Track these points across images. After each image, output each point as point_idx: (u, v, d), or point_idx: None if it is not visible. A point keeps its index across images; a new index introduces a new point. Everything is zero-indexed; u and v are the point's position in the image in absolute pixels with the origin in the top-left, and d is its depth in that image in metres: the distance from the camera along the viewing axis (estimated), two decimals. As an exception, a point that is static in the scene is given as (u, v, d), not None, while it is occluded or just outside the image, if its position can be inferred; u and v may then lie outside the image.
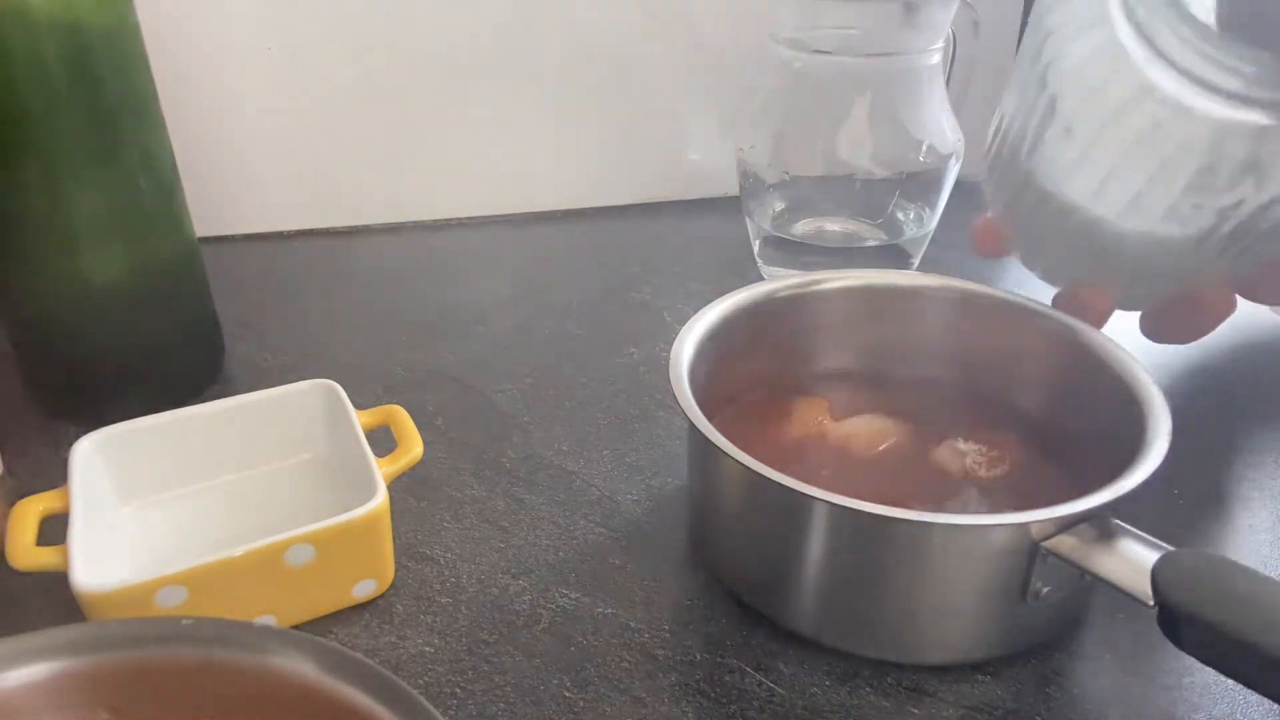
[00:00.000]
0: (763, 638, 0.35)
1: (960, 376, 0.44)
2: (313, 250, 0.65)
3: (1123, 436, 0.35)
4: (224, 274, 0.52)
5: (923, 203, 0.56)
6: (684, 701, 0.33)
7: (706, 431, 0.34)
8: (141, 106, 0.43)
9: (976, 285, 0.43)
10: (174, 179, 0.45)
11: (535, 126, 0.67)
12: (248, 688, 0.23)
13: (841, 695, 0.33)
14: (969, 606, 0.33)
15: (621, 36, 0.65)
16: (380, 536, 0.36)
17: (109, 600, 0.31)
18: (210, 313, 0.50)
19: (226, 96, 0.62)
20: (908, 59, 0.53)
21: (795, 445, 0.40)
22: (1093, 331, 0.40)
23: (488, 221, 0.69)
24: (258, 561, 0.33)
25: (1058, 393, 0.41)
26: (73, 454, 0.37)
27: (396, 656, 0.34)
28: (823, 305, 0.44)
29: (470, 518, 0.41)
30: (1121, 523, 0.31)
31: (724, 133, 0.68)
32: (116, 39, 0.41)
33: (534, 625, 0.36)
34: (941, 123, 0.55)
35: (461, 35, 0.63)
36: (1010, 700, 0.33)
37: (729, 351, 0.41)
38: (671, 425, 0.47)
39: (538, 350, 0.53)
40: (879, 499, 0.31)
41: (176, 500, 0.40)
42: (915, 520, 0.30)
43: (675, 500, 0.42)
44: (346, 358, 0.52)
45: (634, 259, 0.63)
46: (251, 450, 0.41)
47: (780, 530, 0.33)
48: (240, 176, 0.64)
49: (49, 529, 0.34)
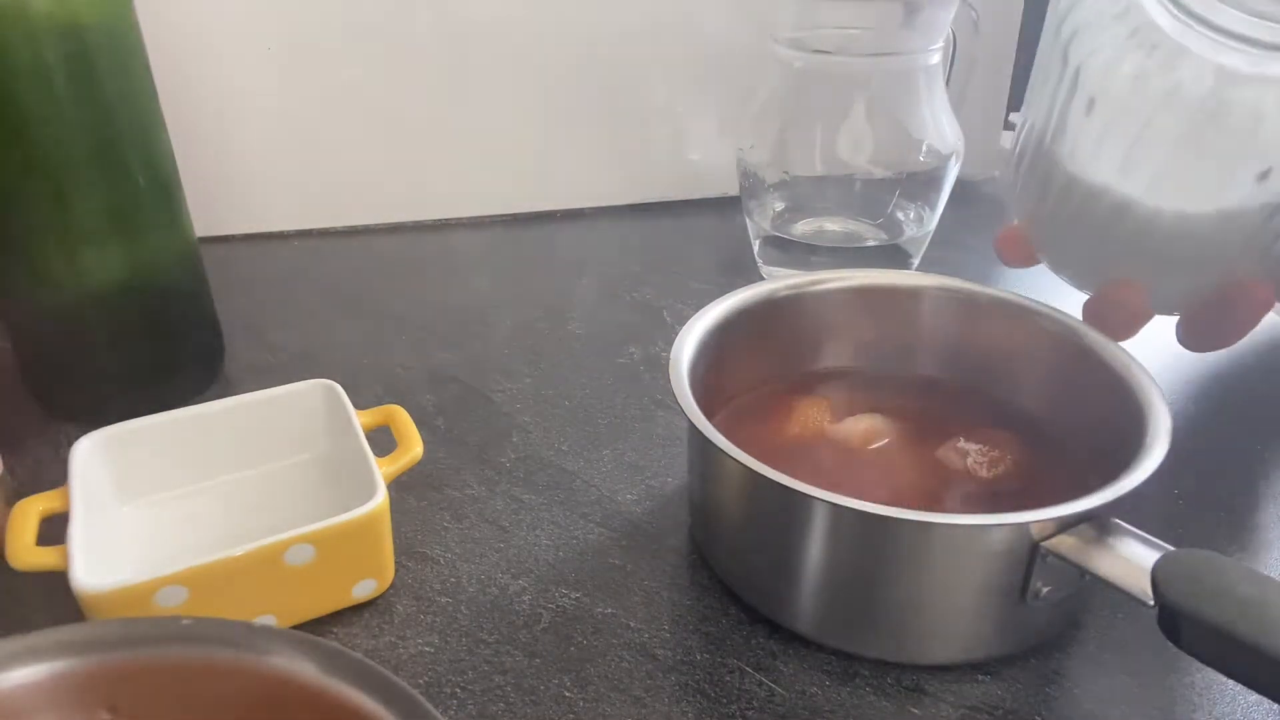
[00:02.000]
0: (763, 638, 0.35)
1: (960, 376, 0.44)
2: (313, 250, 0.65)
3: (1123, 437, 0.35)
4: (224, 274, 0.52)
5: (923, 203, 0.56)
6: (684, 701, 0.33)
7: (706, 431, 0.34)
8: (141, 106, 0.43)
9: (976, 285, 0.43)
10: (174, 179, 0.45)
11: (535, 126, 0.67)
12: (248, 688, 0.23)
13: (841, 695, 0.33)
14: (969, 606, 0.33)
15: (622, 36, 0.65)
16: (380, 536, 0.36)
17: (109, 600, 0.31)
18: (210, 313, 0.50)
19: (226, 96, 0.62)
20: (908, 59, 0.52)
21: (795, 445, 0.40)
22: (1093, 331, 0.40)
23: (488, 221, 0.69)
24: (258, 561, 0.33)
25: (1058, 393, 0.41)
26: (73, 454, 0.37)
27: (396, 656, 0.34)
28: (823, 305, 0.44)
29: (470, 518, 0.41)
30: (1121, 523, 0.31)
31: (724, 133, 0.68)
32: (116, 39, 0.41)
33: (534, 625, 0.36)
34: (941, 123, 0.55)
35: (462, 35, 0.63)
36: (1010, 700, 0.33)
37: (729, 351, 0.41)
38: (671, 425, 0.47)
39: (538, 350, 0.53)
40: (879, 499, 0.31)
41: (176, 500, 0.40)
42: (915, 520, 0.30)
43: (675, 500, 0.42)
44: (346, 358, 0.52)
45: (634, 259, 0.63)
46: (251, 450, 0.41)
47: (780, 530, 0.33)
48: (240, 176, 0.64)
49: (49, 529, 0.34)
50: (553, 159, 0.69)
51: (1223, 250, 0.42)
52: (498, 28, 0.63)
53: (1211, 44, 0.38)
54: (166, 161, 0.45)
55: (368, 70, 0.63)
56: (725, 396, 0.42)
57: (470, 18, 0.63)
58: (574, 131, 0.68)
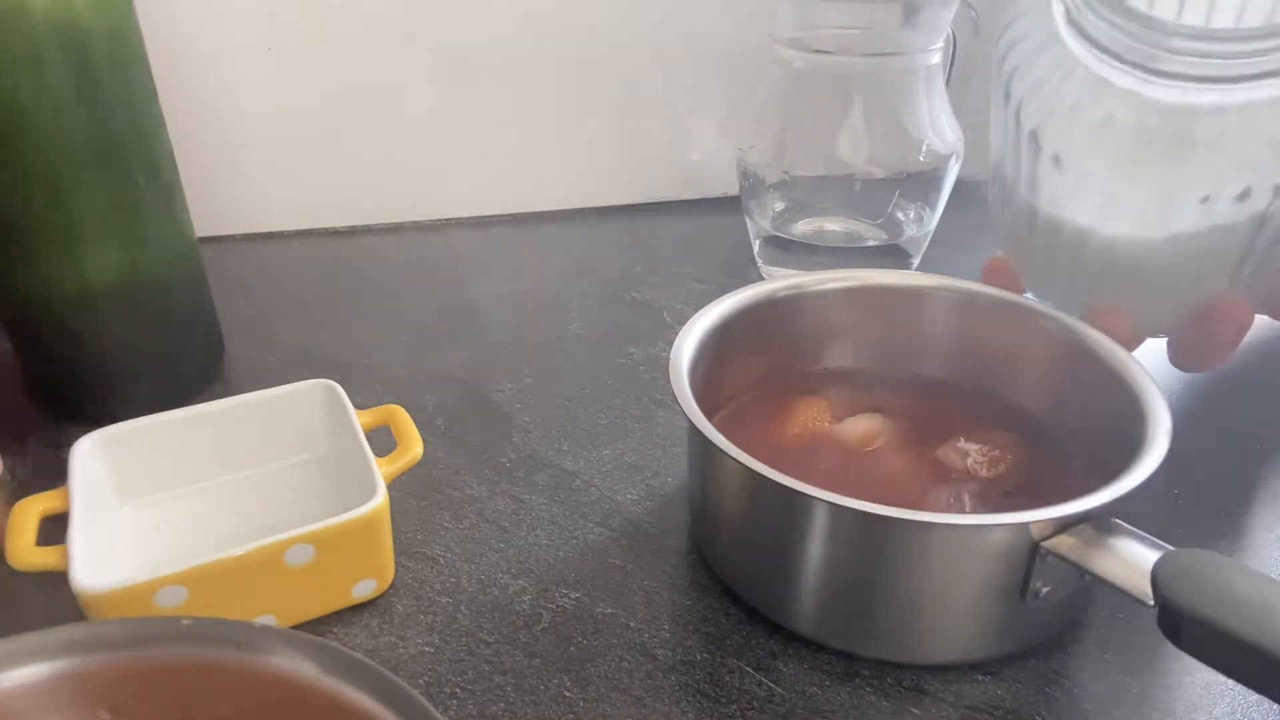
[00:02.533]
0: (763, 638, 0.35)
1: (960, 376, 0.44)
2: (313, 250, 0.65)
3: (1123, 436, 0.35)
4: (224, 274, 0.52)
5: (923, 203, 0.56)
6: (684, 701, 0.33)
7: (706, 431, 0.34)
8: (142, 106, 0.43)
9: (976, 285, 0.43)
10: (174, 178, 0.45)
11: (535, 126, 0.67)
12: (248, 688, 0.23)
13: (841, 695, 0.33)
14: (969, 606, 0.33)
15: (622, 36, 0.65)
16: (380, 536, 0.36)
17: (109, 600, 0.31)
18: (210, 313, 0.50)
19: (226, 96, 0.62)
20: (908, 59, 0.53)
21: (795, 445, 0.40)
22: (1093, 331, 0.40)
23: (488, 221, 0.69)
24: (258, 561, 0.33)
25: (1058, 393, 0.41)
26: (72, 454, 0.37)
27: (396, 656, 0.34)
28: (823, 305, 0.44)
29: (470, 518, 0.41)
30: (1121, 523, 0.31)
31: (724, 133, 0.68)
32: (117, 39, 0.41)
33: (534, 625, 0.36)
34: (941, 123, 0.55)
35: (461, 35, 0.63)
36: (1010, 700, 0.33)
37: (729, 351, 0.41)
38: (671, 425, 0.47)
39: (538, 350, 0.53)
40: (879, 499, 0.31)
41: (176, 500, 0.40)
42: (915, 520, 0.30)
43: (675, 500, 0.42)
44: (346, 358, 0.52)
45: (634, 259, 0.63)
46: (251, 450, 0.41)
47: (780, 530, 0.33)
48: (240, 176, 0.64)
49: (49, 529, 0.34)
50: (553, 159, 0.69)
51: (1190, 272, 0.42)
52: (498, 28, 0.63)
53: (1136, 80, 0.38)
54: (167, 161, 0.45)
55: (368, 70, 0.63)
56: (725, 396, 0.42)
57: (471, 18, 0.63)
58: (574, 132, 0.68)
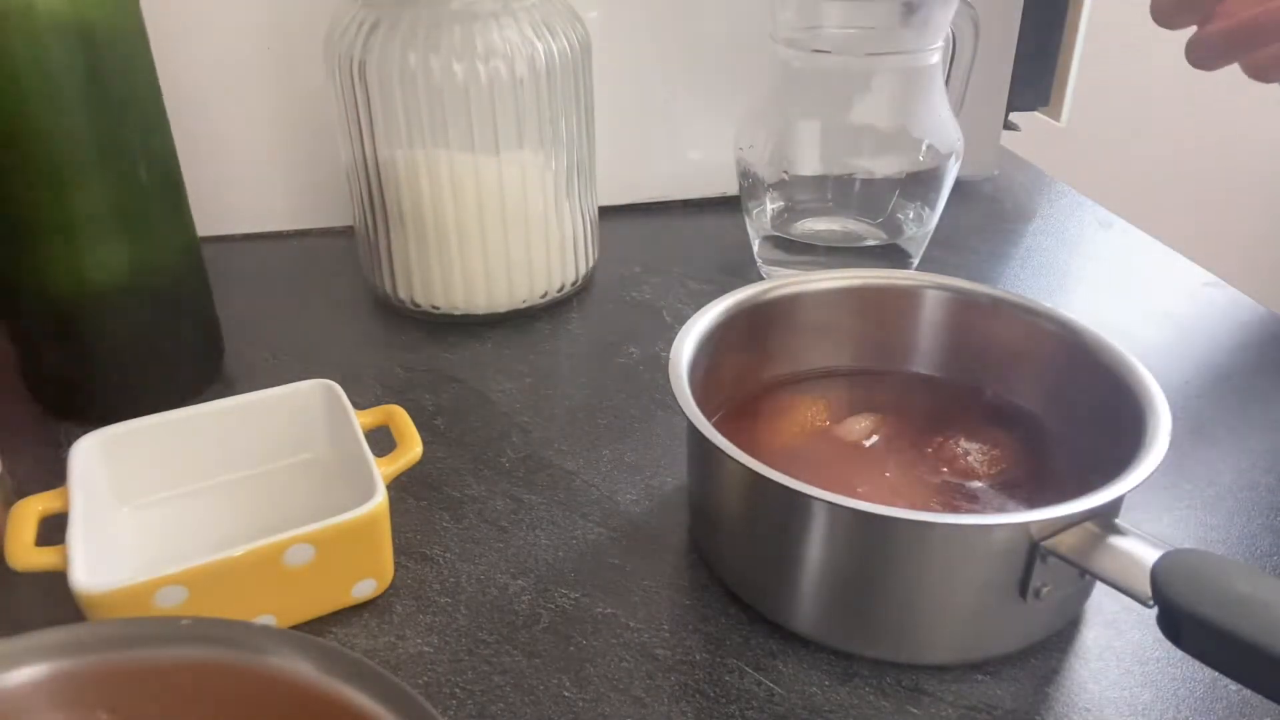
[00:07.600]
0: (763, 638, 0.35)
1: (960, 376, 0.44)
2: (313, 250, 0.65)
3: (1123, 437, 0.35)
4: (224, 274, 0.52)
5: (922, 202, 0.56)
6: (684, 701, 0.33)
7: (706, 431, 0.34)
8: (145, 105, 0.43)
9: (976, 285, 0.43)
10: (177, 178, 0.45)
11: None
12: (248, 688, 0.23)
13: (841, 695, 0.33)
14: (969, 606, 0.33)
15: (621, 36, 0.65)
16: (379, 536, 0.36)
17: (109, 600, 0.31)
18: (210, 313, 0.50)
19: (227, 96, 0.62)
20: (908, 59, 0.52)
21: (794, 445, 0.40)
22: (1092, 331, 0.40)
23: (488, 221, 0.69)
24: (257, 561, 0.33)
25: (1058, 392, 0.41)
26: (72, 454, 0.37)
27: (396, 656, 0.34)
28: (822, 305, 0.44)
29: (470, 518, 0.41)
30: (1121, 522, 0.31)
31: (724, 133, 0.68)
32: (121, 38, 0.41)
33: (534, 625, 0.36)
34: (941, 122, 0.54)
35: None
36: (1010, 700, 0.33)
37: (729, 351, 0.41)
38: (671, 425, 0.47)
39: (538, 350, 0.53)
40: (878, 498, 0.31)
41: (176, 500, 0.40)
42: (915, 520, 0.31)
43: (675, 500, 0.42)
44: (346, 358, 0.52)
45: (634, 259, 0.63)
46: (251, 450, 0.41)
47: (780, 530, 0.33)
48: (240, 176, 0.64)
49: (48, 529, 0.34)
50: (553, 159, 0.68)
51: None
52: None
53: None
54: (170, 160, 0.45)
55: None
56: (725, 396, 0.42)
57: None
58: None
